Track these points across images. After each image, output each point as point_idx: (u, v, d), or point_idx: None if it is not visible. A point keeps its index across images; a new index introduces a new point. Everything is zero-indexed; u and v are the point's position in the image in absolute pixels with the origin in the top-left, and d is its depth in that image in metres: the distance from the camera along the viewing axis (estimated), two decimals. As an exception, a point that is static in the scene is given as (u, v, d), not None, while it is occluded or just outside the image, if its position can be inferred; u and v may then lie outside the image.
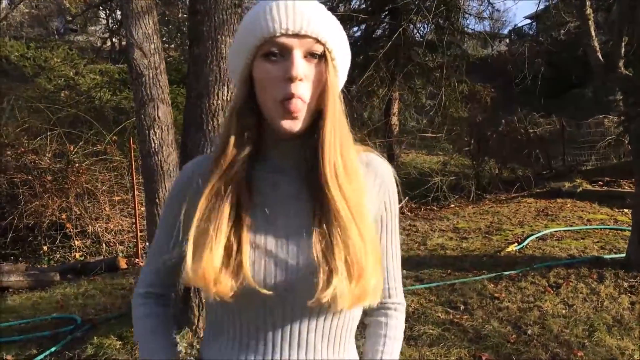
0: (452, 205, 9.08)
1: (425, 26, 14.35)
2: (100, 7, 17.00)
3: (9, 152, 8.03)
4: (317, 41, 0.96)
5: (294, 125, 0.96)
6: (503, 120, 10.82)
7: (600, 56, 6.21)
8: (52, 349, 4.14)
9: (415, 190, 9.28)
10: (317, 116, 0.99)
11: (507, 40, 22.67)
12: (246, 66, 0.99)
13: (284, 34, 0.94)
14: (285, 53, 0.95)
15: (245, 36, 0.99)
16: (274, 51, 0.95)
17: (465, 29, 15.20)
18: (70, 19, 18.96)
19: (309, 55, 0.96)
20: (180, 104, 10.04)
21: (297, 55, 0.95)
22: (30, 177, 7.62)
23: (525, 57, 13.73)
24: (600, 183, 9.23)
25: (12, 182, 7.60)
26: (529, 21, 23.08)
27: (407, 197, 8.96)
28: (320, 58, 0.97)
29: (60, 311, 5.16)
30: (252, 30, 0.96)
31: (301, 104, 0.95)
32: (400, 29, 12.65)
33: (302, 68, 0.95)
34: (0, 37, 16.14)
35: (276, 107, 0.96)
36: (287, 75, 0.93)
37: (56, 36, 19.55)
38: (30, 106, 10.21)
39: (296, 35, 0.94)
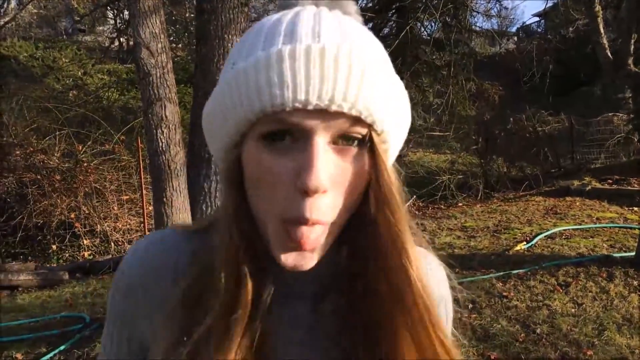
0: (460, 204, 9.06)
1: (433, 24, 14.34)
2: (108, 7, 17.09)
3: (18, 152, 8.10)
4: (358, 120, 0.58)
5: (303, 262, 0.60)
6: (511, 119, 10.78)
7: (609, 53, 6.18)
8: (61, 348, 4.16)
9: (422, 189, 9.27)
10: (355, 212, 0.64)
11: (515, 38, 22.58)
12: (232, 146, 0.62)
13: (300, 108, 0.56)
14: (299, 136, 0.57)
15: (231, 97, 0.59)
16: (281, 130, 0.58)
17: (473, 26, 15.17)
18: (78, 19, 19.08)
19: (342, 139, 0.59)
20: (188, 104, 10.09)
21: (320, 144, 0.57)
22: (39, 177, 7.68)
23: (533, 55, 13.69)
24: (610, 181, 9.18)
25: (21, 182, 7.66)
26: (537, 19, 23.00)
27: (414, 196, 8.95)
28: (362, 143, 0.60)
29: (69, 310, 5.19)
30: (245, 89, 0.58)
31: (319, 231, 0.59)
32: (408, 27, 12.64)
33: (327, 168, 0.57)
34: (10, 38, 16.27)
35: (276, 228, 0.59)
36: (301, 183, 0.56)
37: (64, 36, 19.68)
38: (39, 106, 10.29)
39: (322, 112, 0.56)
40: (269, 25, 0.61)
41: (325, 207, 0.58)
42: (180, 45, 17.65)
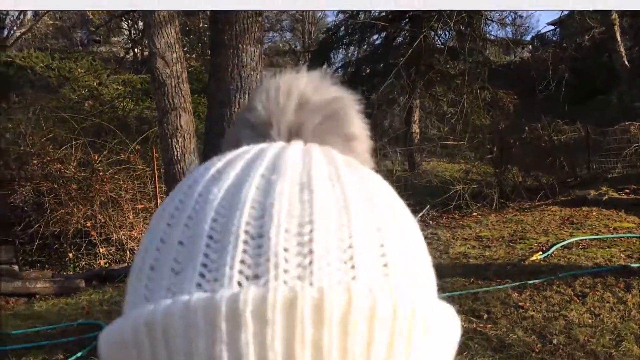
0: (475, 214, 9.03)
1: (447, 33, 14.38)
2: (123, 18, 17.37)
3: (35, 161, 8.25)
4: None
5: None
6: (526, 128, 10.75)
7: (626, 61, 6.18)
8: (78, 354, 4.24)
9: (436, 199, 9.27)
10: None
11: (530, 47, 22.55)
12: None
13: None
14: None
15: None
16: None
17: (488, 35, 15.20)
18: (94, 29, 19.41)
19: None
20: (202, 113, 10.20)
21: None
22: (55, 186, 7.83)
23: (548, 64, 13.66)
24: (627, 191, 9.11)
25: (38, 191, 7.81)
26: (552, 27, 22.93)
27: (428, 206, 8.95)
28: None
29: (85, 317, 5.28)
30: None
31: None
32: (421, 36, 12.69)
33: None
34: (26, 49, 16.57)
35: None
36: None
37: (80, 47, 20.01)
38: (55, 116, 10.47)
39: None
40: (218, 203, 0.36)
41: None
42: (194, 56, 17.87)
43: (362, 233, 0.35)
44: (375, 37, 15.37)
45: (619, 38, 13.28)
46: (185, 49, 17.00)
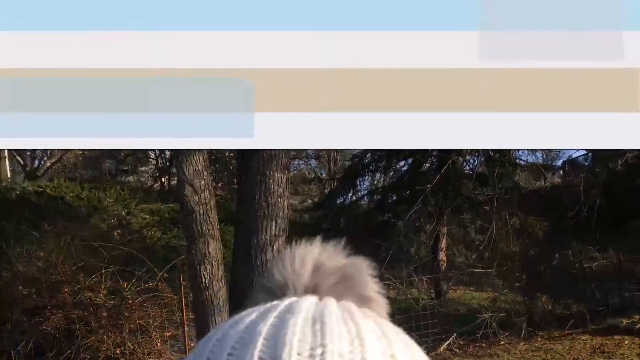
0: (503, 342, 9.26)
1: (475, 159, 15.09)
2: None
3: (66, 289, 8.95)
4: None
5: None
6: (557, 255, 11.12)
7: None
8: None
9: (463, 327, 9.57)
10: None
11: (561, 172, 23.17)
12: None
13: None
14: None
15: None
16: None
17: (517, 160, 15.84)
18: (122, 158, 20.98)
19: None
20: (228, 242, 10.92)
21: None
22: (86, 313, 8.47)
23: (580, 190, 14.19)
24: (661, 320, 9.32)
25: (69, 318, 8.44)
26: (584, 152, 23.69)
27: (454, 334, 9.28)
28: None
29: None
30: None
31: None
32: (449, 162, 13.40)
33: None
34: (56, 179, 17.98)
35: None
36: None
37: (108, 177, 21.46)
38: (85, 245, 11.31)
39: None
40: (234, 342, 0.42)
41: None
42: (220, 184, 18.96)
43: (376, 357, 0.39)
44: (402, 163, 16.00)
45: (652, 162, 13.73)
46: (212, 177, 18.20)
